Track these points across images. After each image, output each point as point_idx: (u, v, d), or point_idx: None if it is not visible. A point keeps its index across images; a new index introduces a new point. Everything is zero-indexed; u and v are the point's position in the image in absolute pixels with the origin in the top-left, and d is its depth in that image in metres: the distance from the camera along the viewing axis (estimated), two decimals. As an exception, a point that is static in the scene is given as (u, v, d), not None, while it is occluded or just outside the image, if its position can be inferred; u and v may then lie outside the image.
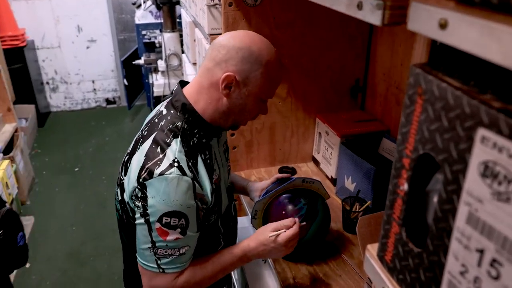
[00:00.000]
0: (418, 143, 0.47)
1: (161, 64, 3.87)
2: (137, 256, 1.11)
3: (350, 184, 1.66)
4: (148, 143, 1.08)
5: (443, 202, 0.44)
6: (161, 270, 1.09)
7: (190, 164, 1.06)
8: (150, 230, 1.05)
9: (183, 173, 1.04)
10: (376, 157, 1.70)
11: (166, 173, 1.02)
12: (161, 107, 1.19)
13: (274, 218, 1.37)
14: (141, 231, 1.07)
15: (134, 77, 4.81)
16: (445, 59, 0.48)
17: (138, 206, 1.05)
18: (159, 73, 3.98)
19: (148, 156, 1.05)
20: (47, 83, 5.08)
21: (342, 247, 1.48)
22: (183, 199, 1.03)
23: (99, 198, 3.49)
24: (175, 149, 1.06)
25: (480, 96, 0.39)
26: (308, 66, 1.79)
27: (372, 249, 0.61)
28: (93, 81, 5.23)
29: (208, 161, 1.15)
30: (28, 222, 3.18)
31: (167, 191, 1.02)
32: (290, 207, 1.36)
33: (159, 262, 1.08)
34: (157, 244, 1.06)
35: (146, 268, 1.10)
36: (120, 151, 4.18)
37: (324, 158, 1.88)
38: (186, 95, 1.14)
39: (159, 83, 3.91)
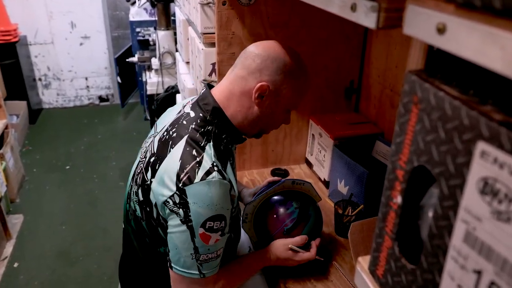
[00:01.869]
0: (413, 155, 0.45)
1: (154, 62, 3.84)
2: (173, 265, 1.09)
3: (343, 187, 1.64)
4: (180, 145, 1.07)
5: (438, 218, 0.42)
6: (202, 276, 1.08)
7: (222, 168, 1.07)
8: (192, 236, 1.03)
9: (223, 176, 1.04)
10: (369, 160, 1.68)
11: (208, 178, 1.01)
12: (186, 109, 1.18)
13: (267, 224, 1.34)
14: (181, 238, 1.05)
15: (128, 74, 4.77)
16: (443, 65, 0.45)
17: (177, 213, 1.03)
18: (153, 71, 3.95)
19: (183, 160, 1.04)
20: (40, 79, 5.03)
21: (334, 251, 1.45)
22: (224, 202, 1.04)
23: (90, 197, 3.45)
24: (210, 153, 1.06)
25: (480, 107, 0.36)
26: (302, 67, 1.77)
27: (364, 262, 0.58)
28: (86, 78, 5.18)
29: (232, 167, 1.16)
30: (17, 220, 3.14)
31: (209, 195, 1.01)
32: (281, 210, 1.33)
33: (201, 268, 1.07)
34: (200, 250, 1.05)
35: (187, 275, 1.08)
36: (113, 150, 4.15)
37: (317, 160, 1.85)
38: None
39: (152, 81, 3.88)
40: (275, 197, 1.36)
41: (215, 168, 1.03)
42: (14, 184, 3.33)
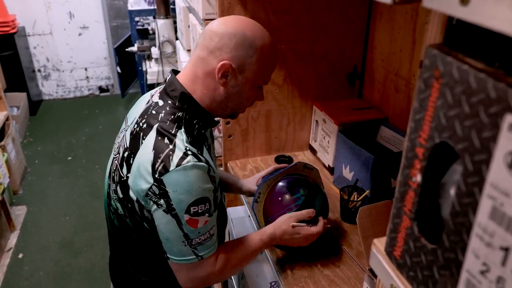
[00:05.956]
0: (434, 131, 0.43)
1: (154, 51, 3.81)
2: (169, 256, 1.08)
3: (348, 173, 1.63)
4: (152, 136, 1.04)
5: (462, 195, 0.40)
6: (200, 258, 1.07)
7: (198, 152, 1.04)
8: (179, 224, 1.02)
9: (198, 159, 1.02)
10: (374, 146, 1.67)
11: (183, 163, 0.99)
12: (154, 98, 1.14)
13: (271, 205, 1.35)
14: (169, 228, 1.03)
15: (128, 64, 4.74)
16: (462, 40, 0.44)
17: (159, 204, 1.01)
18: (153, 60, 3.92)
19: (157, 150, 1.01)
20: (39, 70, 5.00)
21: (340, 237, 1.45)
22: (204, 184, 1.02)
23: (92, 188, 3.45)
24: (183, 138, 1.03)
25: (508, 78, 0.35)
26: (305, 52, 1.75)
27: (379, 243, 0.57)
28: (85, 69, 5.15)
29: (210, 151, 1.13)
30: (20, 211, 3.14)
31: (188, 181, 0.99)
32: (287, 195, 1.33)
33: (196, 251, 1.06)
34: (190, 236, 1.04)
35: (184, 262, 1.07)
36: (114, 140, 4.13)
37: (321, 146, 1.84)
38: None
39: (152, 70, 3.85)
40: (283, 182, 1.36)
41: (189, 153, 1.01)
42: (16, 176, 3.32)
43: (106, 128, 4.45)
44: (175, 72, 1.17)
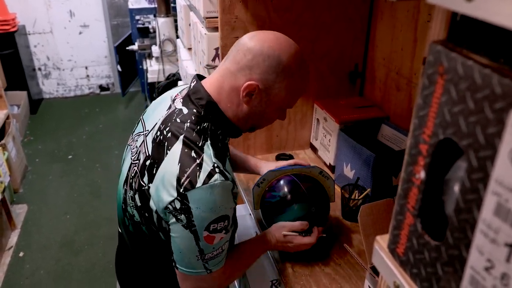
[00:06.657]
0: (438, 127, 0.43)
1: (155, 49, 3.81)
2: (178, 266, 1.06)
3: (349, 172, 1.63)
4: (177, 147, 1.00)
5: (466, 192, 0.40)
6: (208, 272, 1.06)
7: (223, 167, 1.02)
8: (197, 240, 1.00)
9: (226, 177, 1.00)
10: (375, 144, 1.67)
11: (211, 181, 0.96)
12: (177, 104, 1.10)
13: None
14: (185, 243, 1.01)
15: (128, 63, 4.73)
16: (466, 36, 0.44)
17: (179, 219, 0.98)
18: (153, 59, 3.92)
19: (183, 163, 0.98)
20: (39, 69, 5.00)
21: (341, 236, 1.45)
22: (227, 203, 1.01)
23: (93, 187, 3.45)
24: (210, 153, 1.00)
25: (513, 74, 0.35)
26: (306, 51, 1.75)
27: (382, 240, 0.57)
28: (86, 67, 5.15)
29: (230, 161, 1.11)
30: (21, 210, 3.14)
31: (213, 199, 0.97)
32: (273, 187, 1.37)
33: (207, 265, 1.05)
34: (205, 251, 1.02)
35: (192, 274, 1.06)
36: (114, 139, 4.13)
37: (322, 145, 1.84)
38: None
39: (153, 69, 3.85)
40: (285, 178, 1.37)
41: (217, 170, 0.98)
42: (17, 174, 3.32)
43: (106, 127, 4.45)
44: (200, 77, 1.13)
